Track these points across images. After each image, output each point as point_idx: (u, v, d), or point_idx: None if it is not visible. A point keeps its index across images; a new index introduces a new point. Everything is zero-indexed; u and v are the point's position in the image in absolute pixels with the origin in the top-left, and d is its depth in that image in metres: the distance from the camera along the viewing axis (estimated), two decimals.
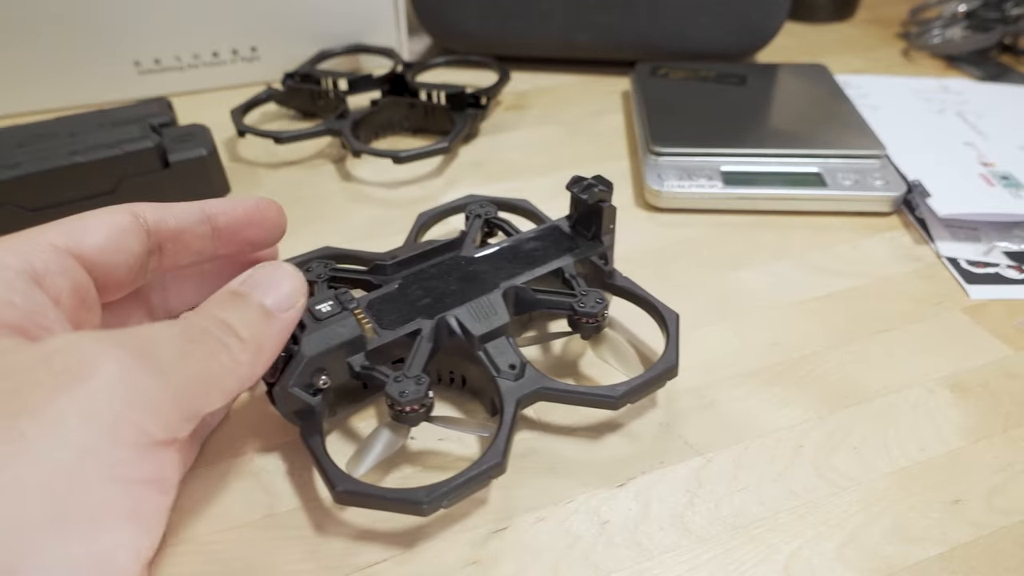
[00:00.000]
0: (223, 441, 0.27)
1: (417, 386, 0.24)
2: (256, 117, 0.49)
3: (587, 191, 0.30)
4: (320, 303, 0.25)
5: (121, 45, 0.50)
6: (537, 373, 0.26)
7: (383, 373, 0.25)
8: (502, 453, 0.23)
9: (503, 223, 0.33)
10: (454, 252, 0.30)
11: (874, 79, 0.53)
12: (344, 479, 0.23)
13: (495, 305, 0.27)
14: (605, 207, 0.29)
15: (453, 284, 0.28)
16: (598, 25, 0.52)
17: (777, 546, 0.23)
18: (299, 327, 0.25)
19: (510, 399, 0.25)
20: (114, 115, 0.41)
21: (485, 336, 0.26)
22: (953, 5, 0.60)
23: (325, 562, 0.23)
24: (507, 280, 0.28)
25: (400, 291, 0.28)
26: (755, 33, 0.53)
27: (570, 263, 0.29)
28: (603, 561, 0.23)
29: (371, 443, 0.25)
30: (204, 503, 0.25)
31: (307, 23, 0.53)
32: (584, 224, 0.31)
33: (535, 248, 0.30)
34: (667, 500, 0.25)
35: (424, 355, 0.25)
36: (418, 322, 0.26)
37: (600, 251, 0.30)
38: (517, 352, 0.26)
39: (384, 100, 0.47)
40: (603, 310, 0.27)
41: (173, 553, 0.23)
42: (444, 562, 0.23)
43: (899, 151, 0.43)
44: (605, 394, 0.25)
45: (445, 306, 0.27)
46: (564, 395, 0.26)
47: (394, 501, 0.22)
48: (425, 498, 0.22)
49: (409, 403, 0.23)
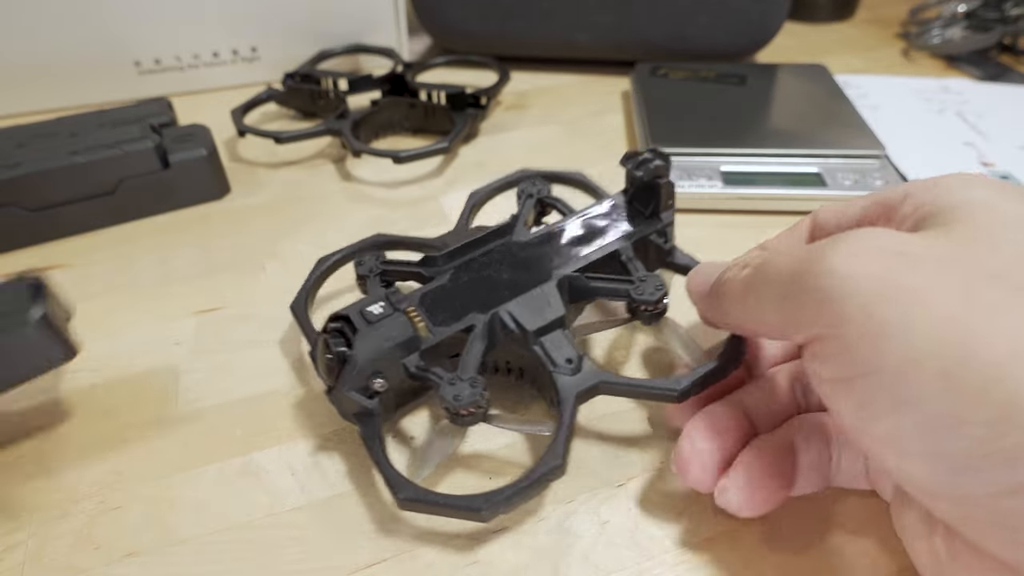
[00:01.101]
0: (224, 441, 0.27)
1: (472, 388, 0.23)
2: (256, 117, 0.49)
3: (642, 167, 0.28)
4: (371, 304, 0.25)
5: (121, 45, 0.50)
6: (595, 366, 0.25)
7: (437, 375, 0.24)
8: (562, 455, 0.23)
9: (556, 202, 0.31)
10: (506, 238, 0.29)
11: (874, 79, 0.53)
12: (406, 486, 0.23)
13: (549, 297, 0.26)
14: (663, 184, 0.28)
15: (505, 273, 0.27)
16: (598, 25, 0.52)
17: (777, 545, 0.23)
18: (352, 330, 0.24)
19: (568, 395, 0.24)
20: (114, 115, 0.41)
21: (540, 331, 0.25)
22: (953, 5, 0.60)
23: (325, 562, 0.23)
24: (561, 267, 0.27)
25: (451, 283, 0.27)
26: (755, 33, 0.53)
27: (627, 245, 0.28)
28: (603, 561, 0.23)
29: (429, 447, 0.25)
30: (204, 503, 0.25)
31: (307, 23, 0.53)
32: (641, 200, 0.29)
33: (589, 229, 0.29)
34: (667, 500, 0.25)
35: (477, 355, 0.25)
36: (471, 317, 0.26)
37: (659, 228, 0.29)
38: (573, 345, 0.26)
39: (384, 100, 0.47)
40: (663, 297, 0.26)
41: (173, 553, 0.23)
42: (444, 562, 0.23)
43: (899, 151, 0.43)
44: (668, 387, 0.24)
45: (498, 299, 0.26)
46: (624, 389, 0.25)
47: (455, 508, 0.22)
48: (484, 505, 0.22)
49: (464, 407, 0.23)
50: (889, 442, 0.17)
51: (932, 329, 0.16)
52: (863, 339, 0.17)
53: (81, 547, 0.24)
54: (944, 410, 0.16)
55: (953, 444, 0.16)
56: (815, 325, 0.18)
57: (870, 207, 0.22)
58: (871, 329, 0.17)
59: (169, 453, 0.27)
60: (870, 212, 0.22)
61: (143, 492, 0.25)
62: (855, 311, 0.17)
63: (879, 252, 0.18)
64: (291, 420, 0.28)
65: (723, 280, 0.23)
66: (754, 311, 0.21)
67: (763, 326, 0.22)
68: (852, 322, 0.17)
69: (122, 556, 0.23)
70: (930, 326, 0.16)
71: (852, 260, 0.18)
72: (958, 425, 0.16)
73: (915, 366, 0.16)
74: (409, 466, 0.25)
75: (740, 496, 0.22)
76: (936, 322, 0.16)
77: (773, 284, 0.20)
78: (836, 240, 0.18)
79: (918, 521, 0.20)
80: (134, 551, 0.23)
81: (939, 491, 0.17)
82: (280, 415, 0.28)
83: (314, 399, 0.29)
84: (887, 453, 0.18)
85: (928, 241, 0.18)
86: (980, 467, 0.16)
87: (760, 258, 0.22)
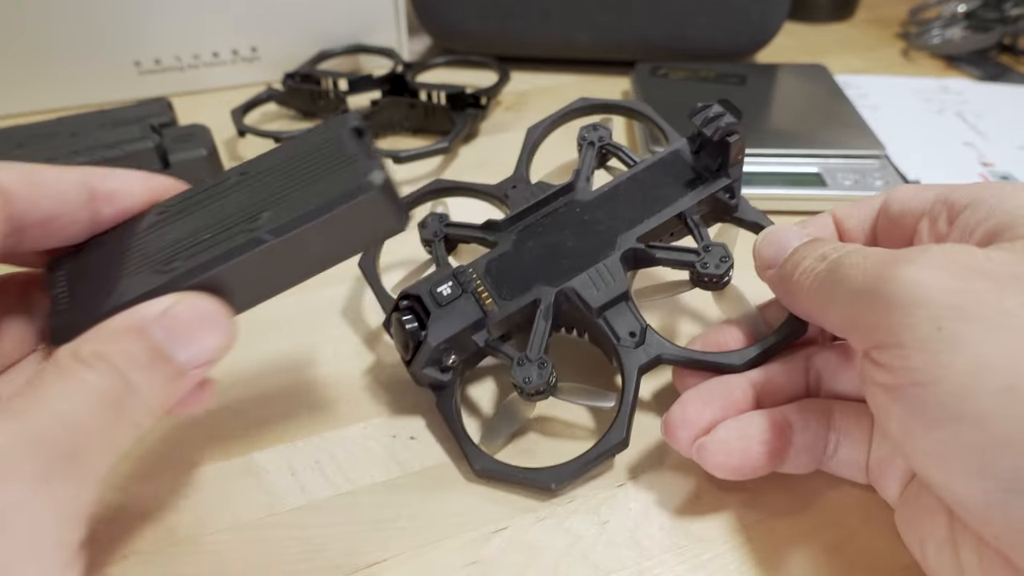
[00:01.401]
0: (224, 441, 0.27)
1: (540, 370, 0.24)
2: (256, 117, 0.49)
3: (710, 124, 0.27)
4: (440, 285, 0.26)
5: (121, 45, 0.50)
6: (658, 338, 0.26)
7: (507, 354, 0.25)
8: (626, 428, 0.24)
9: (619, 149, 0.30)
10: (568, 196, 0.29)
11: (874, 79, 0.53)
12: (480, 457, 0.25)
13: (613, 272, 0.26)
14: (733, 142, 0.27)
15: (569, 239, 0.27)
16: (598, 25, 0.52)
17: (776, 545, 0.23)
18: (424, 312, 0.25)
19: (632, 368, 0.25)
20: (114, 115, 0.41)
21: (604, 306, 0.26)
22: (953, 5, 0.60)
23: (325, 562, 0.23)
24: (625, 232, 0.27)
25: (515, 250, 0.27)
26: (755, 33, 0.53)
27: (693, 206, 0.27)
28: (603, 561, 0.23)
29: (500, 419, 0.27)
30: (204, 503, 0.25)
31: (307, 23, 0.53)
32: (709, 153, 0.28)
33: (653, 185, 0.28)
34: (667, 500, 0.25)
35: (544, 335, 0.25)
36: (536, 290, 0.26)
37: (726, 185, 0.28)
38: (638, 317, 0.26)
39: (384, 100, 0.47)
40: (728, 270, 0.26)
41: (173, 553, 0.23)
42: (444, 562, 0.23)
43: (899, 151, 0.43)
44: (729, 362, 0.25)
45: (562, 270, 0.26)
46: (686, 360, 0.25)
47: (526, 481, 0.25)
48: (554, 479, 0.24)
49: (535, 389, 0.24)
50: (938, 457, 0.17)
51: (1001, 344, 0.16)
52: (926, 350, 0.17)
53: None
54: (1003, 427, 0.16)
55: (1009, 463, 0.16)
56: (879, 331, 0.18)
57: (936, 204, 0.22)
58: (937, 341, 0.17)
59: (170, 453, 0.27)
60: (935, 208, 0.22)
61: (143, 492, 0.25)
62: (924, 323, 0.17)
63: (958, 268, 0.17)
64: (291, 420, 0.28)
65: (796, 268, 0.23)
66: (822, 308, 0.21)
67: (827, 323, 0.22)
68: (919, 332, 0.17)
69: (122, 556, 0.23)
70: (1000, 341, 0.16)
71: (929, 273, 0.18)
72: (1015, 444, 0.16)
73: (979, 379, 0.16)
74: (482, 439, 0.26)
75: (716, 453, 0.22)
76: (1006, 338, 0.16)
77: (846, 286, 0.20)
78: (915, 252, 0.18)
79: (941, 529, 0.19)
80: (134, 551, 0.23)
81: (986, 512, 0.17)
82: (281, 415, 0.28)
83: (315, 399, 0.29)
84: (934, 468, 0.17)
85: (1004, 258, 0.18)
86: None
87: (837, 253, 0.21)
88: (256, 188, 0.20)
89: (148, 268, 0.20)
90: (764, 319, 0.27)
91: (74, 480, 0.16)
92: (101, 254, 0.21)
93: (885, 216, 0.25)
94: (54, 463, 0.16)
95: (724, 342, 0.26)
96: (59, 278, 0.20)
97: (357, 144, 0.20)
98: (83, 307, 0.20)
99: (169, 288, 0.19)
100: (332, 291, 0.34)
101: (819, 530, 0.24)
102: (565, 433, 0.28)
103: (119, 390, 0.17)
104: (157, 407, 0.18)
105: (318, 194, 0.19)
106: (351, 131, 0.21)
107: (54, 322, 0.19)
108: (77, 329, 0.18)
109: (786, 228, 0.25)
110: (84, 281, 0.20)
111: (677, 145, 0.29)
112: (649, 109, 0.31)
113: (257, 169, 0.21)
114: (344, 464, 0.26)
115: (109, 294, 0.19)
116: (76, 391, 0.17)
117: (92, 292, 0.20)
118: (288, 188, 0.20)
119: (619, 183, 0.29)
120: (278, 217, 0.19)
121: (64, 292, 0.20)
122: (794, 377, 0.25)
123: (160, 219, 0.21)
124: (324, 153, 0.20)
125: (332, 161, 0.20)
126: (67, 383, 0.17)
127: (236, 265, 0.19)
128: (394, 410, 0.28)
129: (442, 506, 0.25)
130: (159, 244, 0.20)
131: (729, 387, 0.24)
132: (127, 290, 0.19)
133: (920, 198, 0.23)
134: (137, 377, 0.18)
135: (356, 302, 0.34)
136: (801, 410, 0.24)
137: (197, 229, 0.20)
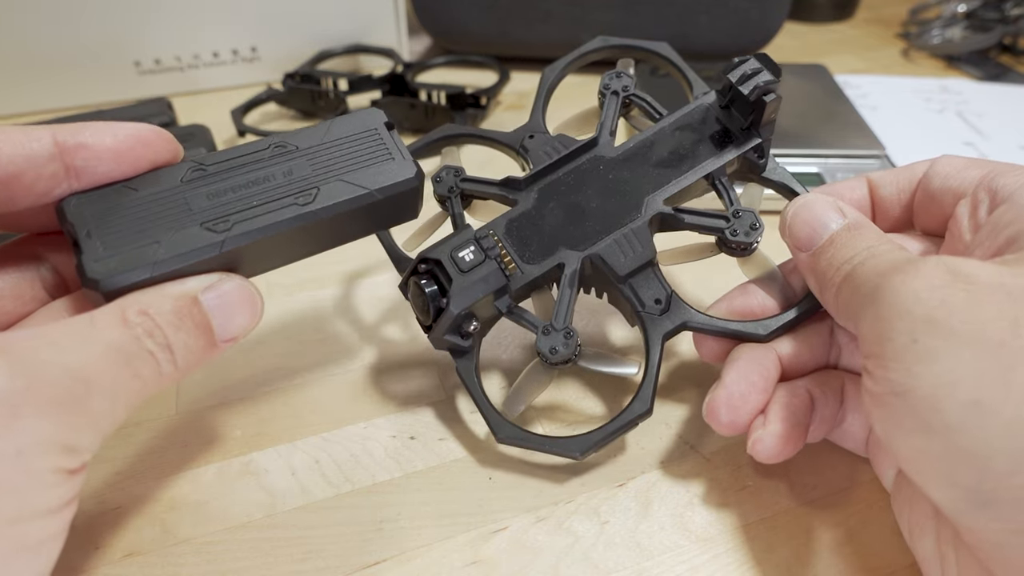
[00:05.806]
0: (224, 441, 0.27)
1: (566, 340, 0.24)
2: (256, 117, 0.49)
3: (747, 82, 0.26)
4: (463, 249, 0.25)
5: (121, 45, 0.50)
6: (683, 305, 0.25)
7: (531, 323, 0.25)
8: (650, 399, 0.24)
9: (643, 100, 0.29)
10: (592, 152, 0.27)
11: (874, 79, 0.53)
12: (503, 426, 0.25)
13: (640, 237, 0.26)
14: (769, 101, 0.26)
15: (593, 200, 0.26)
16: (598, 25, 0.52)
17: (776, 545, 0.23)
18: (446, 278, 0.25)
19: (656, 336, 0.25)
20: (114, 115, 0.41)
21: (630, 273, 0.25)
22: (953, 5, 0.60)
23: (325, 562, 0.23)
24: (651, 193, 0.26)
25: (536, 210, 0.26)
26: (755, 33, 0.53)
27: (721, 167, 0.26)
28: (603, 561, 0.23)
29: (523, 386, 0.26)
30: (204, 503, 0.25)
31: (307, 23, 0.53)
32: (740, 110, 0.27)
33: (680, 142, 0.27)
34: (667, 500, 0.25)
35: (569, 303, 0.25)
36: (561, 254, 0.26)
37: (756, 145, 0.27)
38: (663, 283, 0.25)
39: (384, 100, 0.47)
40: (757, 238, 0.25)
41: (173, 553, 0.23)
42: (444, 562, 0.23)
43: (899, 151, 0.43)
44: (753, 331, 0.25)
45: (586, 233, 0.26)
46: (710, 329, 0.25)
47: (551, 448, 0.24)
48: (578, 447, 0.24)
49: (561, 359, 0.24)
50: (914, 463, 0.17)
51: (971, 359, 0.16)
52: (902, 361, 0.17)
53: (81, 547, 0.24)
54: (968, 441, 0.16)
55: (974, 476, 0.16)
56: (868, 340, 0.19)
57: (979, 189, 0.22)
58: (912, 353, 0.17)
59: (169, 453, 0.27)
60: (978, 194, 0.22)
61: (143, 492, 0.25)
62: (903, 335, 0.17)
63: (942, 282, 0.17)
64: (291, 420, 0.28)
65: (829, 264, 0.22)
66: (844, 315, 0.21)
67: (847, 327, 0.22)
68: (896, 343, 0.17)
69: (122, 556, 0.23)
70: (970, 356, 0.16)
71: (915, 284, 0.18)
72: (979, 457, 0.16)
73: (947, 393, 0.16)
74: (504, 404, 0.26)
75: (773, 445, 0.22)
76: (975, 354, 0.16)
77: (857, 295, 0.20)
78: (910, 263, 0.19)
79: (927, 520, 0.20)
80: (134, 551, 0.23)
81: (957, 519, 0.17)
82: (281, 415, 0.28)
83: (315, 399, 0.29)
84: (913, 473, 0.18)
85: (999, 270, 0.18)
86: (997, 501, 0.16)
87: (862, 256, 0.21)
88: (301, 163, 0.22)
89: (194, 223, 0.20)
90: (788, 282, 0.26)
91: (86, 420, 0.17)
92: (133, 200, 0.20)
93: (924, 191, 0.24)
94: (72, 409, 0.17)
95: (748, 306, 0.26)
96: (84, 220, 0.20)
97: (391, 138, 0.23)
98: (125, 254, 0.19)
99: (227, 245, 0.20)
100: (332, 291, 0.34)
101: (819, 529, 0.24)
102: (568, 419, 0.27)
103: (158, 349, 0.18)
104: (184, 371, 0.19)
105: (367, 180, 0.22)
106: (384, 125, 0.23)
107: (88, 267, 0.19)
108: (122, 276, 0.19)
109: (822, 205, 0.23)
110: (117, 227, 0.20)
111: (705, 100, 0.28)
112: (673, 52, 0.30)
113: (296, 143, 0.22)
114: (344, 464, 0.26)
115: (157, 243, 0.20)
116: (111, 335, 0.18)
117: (132, 239, 0.20)
118: (336, 169, 0.22)
119: (645, 139, 0.27)
120: (331, 196, 0.21)
121: (93, 235, 0.20)
122: (819, 352, 0.25)
123: (197, 176, 0.21)
124: (365, 141, 0.23)
125: (374, 150, 0.22)
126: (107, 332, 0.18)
127: (287, 233, 0.21)
128: (394, 410, 0.28)
129: (442, 506, 0.25)
130: (203, 201, 0.21)
131: (764, 364, 0.24)
132: (178, 243, 0.20)
133: (963, 177, 0.23)
134: (177, 340, 0.19)
135: (355, 302, 0.34)
136: (820, 384, 0.24)
137: (247, 193, 0.21)
